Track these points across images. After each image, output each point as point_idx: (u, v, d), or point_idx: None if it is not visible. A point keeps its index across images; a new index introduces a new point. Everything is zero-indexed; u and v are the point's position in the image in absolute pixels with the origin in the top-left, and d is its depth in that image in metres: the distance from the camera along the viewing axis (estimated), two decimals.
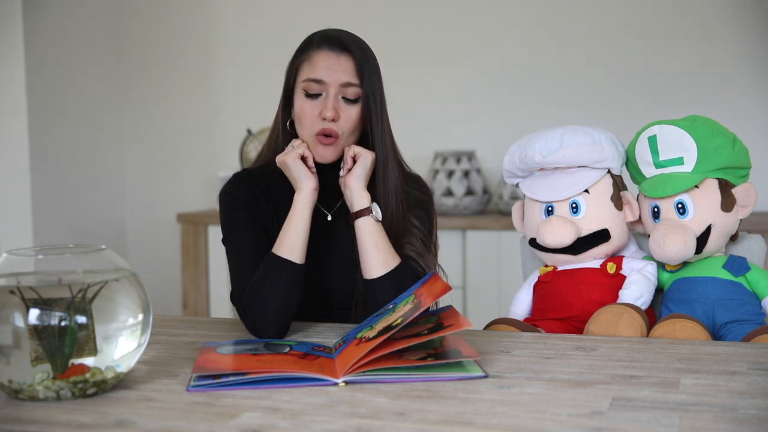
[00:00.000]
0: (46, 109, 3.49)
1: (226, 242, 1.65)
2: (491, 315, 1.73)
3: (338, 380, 1.18)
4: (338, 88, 1.59)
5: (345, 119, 1.60)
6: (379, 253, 1.56)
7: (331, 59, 1.60)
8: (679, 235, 1.59)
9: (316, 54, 1.61)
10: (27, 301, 1.12)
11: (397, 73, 3.60)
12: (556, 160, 1.70)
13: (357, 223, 1.58)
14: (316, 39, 1.63)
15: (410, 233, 1.65)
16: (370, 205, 1.58)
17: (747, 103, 3.17)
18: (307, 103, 1.61)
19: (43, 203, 3.47)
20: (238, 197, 1.66)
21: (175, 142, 3.94)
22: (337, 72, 1.59)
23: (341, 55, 1.60)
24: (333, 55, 1.60)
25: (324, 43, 1.61)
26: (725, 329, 1.58)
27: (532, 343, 1.44)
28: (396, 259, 1.57)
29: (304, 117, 1.61)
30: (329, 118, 1.58)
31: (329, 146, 1.61)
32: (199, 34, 3.87)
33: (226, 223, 1.66)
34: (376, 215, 1.58)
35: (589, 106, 3.33)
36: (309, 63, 1.61)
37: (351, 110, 1.61)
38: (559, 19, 3.39)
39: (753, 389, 1.13)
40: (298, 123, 1.63)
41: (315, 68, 1.60)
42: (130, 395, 1.16)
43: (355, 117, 1.61)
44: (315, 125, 1.60)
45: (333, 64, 1.60)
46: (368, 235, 1.57)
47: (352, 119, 1.61)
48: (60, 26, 3.57)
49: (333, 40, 1.61)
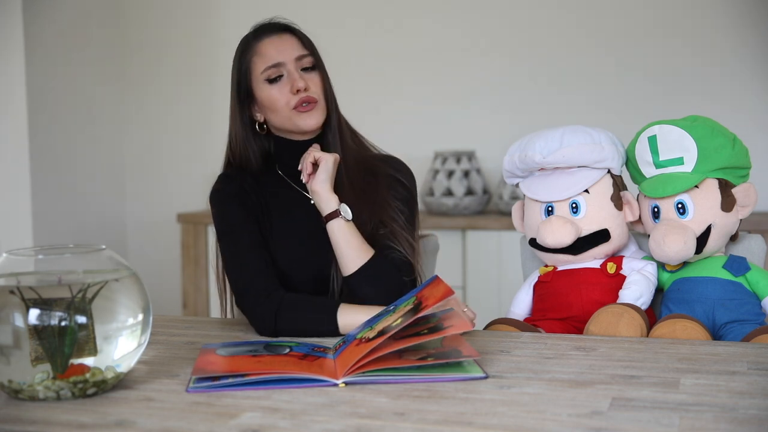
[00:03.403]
0: (46, 109, 3.48)
1: (223, 238, 1.65)
2: (491, 315, 1.73)
3: (338, 381, 1.18)
4: (294, 62, 1.66)
5: (313, 85, 1.66)
6: (350, 250, 1.59)
7: (276, 42, 1.67)
8: (679, 235, 1.59)
9: (260, 44, 1.68)
10: (27, 301, 1.12)
11: (397, 73, 3.60)
12: (556, 160, 1.70)
13: (328, 225, 1.61)
14: (252, 34, 1.71)
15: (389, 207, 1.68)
16: (338, 207, 1.61)
17: (747, 103, 3.17)
18: (273, 89, 1.65)
19: (43, 203, 3.47)
20: (228, 192, 1.68)
21: (175, 142, 3.94)
22: (287, 50, 1.66)
23: (282, 35, 1.69)
24: (276, 38, 1.68)
25: (262, 33, 1.69)
26: (725, 329, 1.58)
27: (532, 343, 1.44)
28: (369, 252, 1.60)
29: (276, 101, 1.65)
30: (302, 88, 1.64)
31: (311, 111, 1.65)
32: (199, 34, 3.87)
33: (221, 219, 1.67)
34: (345, 215, 1.61)
35: (589, 106, 3.32)
36: (259, 55, 1.67)
37: (314, 77, 1.68)
38: (559, 19, 3.39)
39: (753, 389, 1.13)
40: (271, 112, 1.67)
41: (267, 56, 1.66)
42: (130, 395, 1.16)
43: (320, 81, 1.68)
44: (291, 101, 1.64)
45: (280, 44, 1.67)
46: (340, 235, 1.60)
47: (318, 84, 1.67)
48: (60, 26, 3.57)
49: (270, 27, 1.70)
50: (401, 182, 1.74)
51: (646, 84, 3.29)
